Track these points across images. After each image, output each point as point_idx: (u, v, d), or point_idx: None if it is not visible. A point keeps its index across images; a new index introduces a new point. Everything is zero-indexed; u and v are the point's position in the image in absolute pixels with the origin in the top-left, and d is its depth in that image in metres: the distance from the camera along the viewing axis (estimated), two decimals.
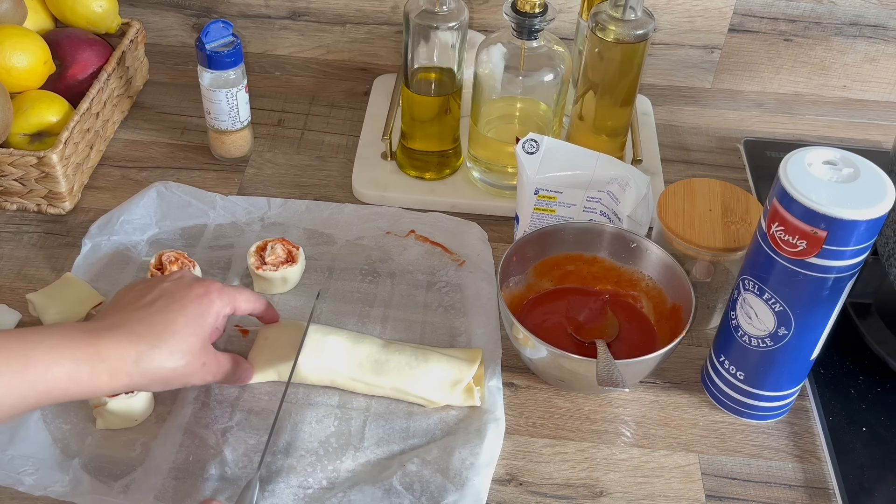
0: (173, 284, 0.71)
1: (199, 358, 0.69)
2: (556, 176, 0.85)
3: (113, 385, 0.64)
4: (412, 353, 0.78)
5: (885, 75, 1.15)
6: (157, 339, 0.66)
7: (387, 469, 0.72)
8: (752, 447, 0.78)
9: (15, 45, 0.93)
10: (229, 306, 0.73)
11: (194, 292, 0.70)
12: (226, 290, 0.73)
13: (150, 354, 0.65)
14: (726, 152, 1.09)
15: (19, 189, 0.93)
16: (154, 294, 0.70)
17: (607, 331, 0.82)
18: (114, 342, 0.64)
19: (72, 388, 0.62)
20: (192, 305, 0.69)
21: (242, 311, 0.75)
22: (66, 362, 0.62)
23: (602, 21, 0.88)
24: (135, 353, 0.65)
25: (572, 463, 0.76)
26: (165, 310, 0.68)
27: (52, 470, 0.71)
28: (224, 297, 0.72)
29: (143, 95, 1.12)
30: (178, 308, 0.68)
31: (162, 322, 0.67)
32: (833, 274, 0.66)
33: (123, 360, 0.64)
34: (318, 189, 1.00)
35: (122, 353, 0.64)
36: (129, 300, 0.70)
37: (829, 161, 0.66)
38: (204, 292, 0.71)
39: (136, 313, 0.68)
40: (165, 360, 0.66)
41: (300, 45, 1.18)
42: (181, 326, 0.68)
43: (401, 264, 0.90)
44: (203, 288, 0.71)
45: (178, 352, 0.67)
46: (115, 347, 0.64)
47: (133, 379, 0.65)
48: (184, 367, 0.68)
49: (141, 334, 0.66)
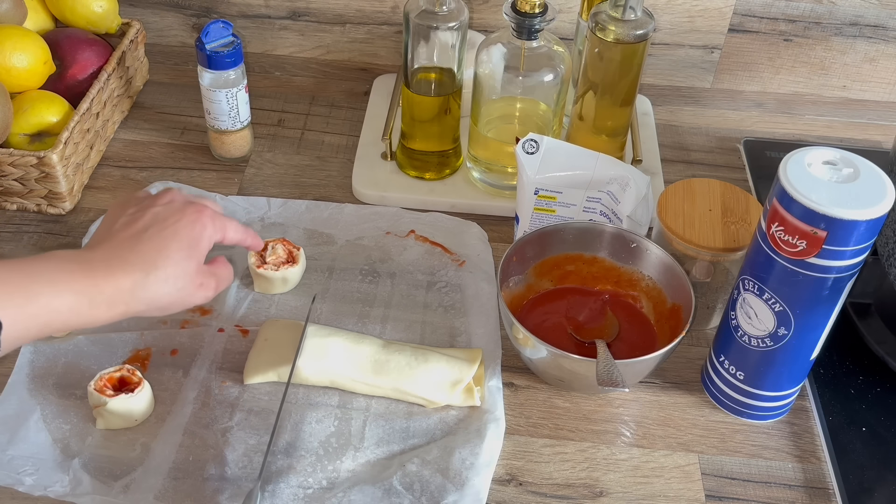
0: (165, 209, 0.71)
1: (194, 280, 0.69)
2: (556, 176, 0.85)
3: (111, 314, 0.65)
4: (412, 354, 0.78)
5: (885, 75, 1.15)
6: (150, 266, 0.66)
7: (387, 469, 0.73)
8: (752, 447, 0.78)
9: (15, 45, 0.93)
10: (220, 233, 0.73)
11: (187, 217, 0.70)
12: (218, 217, 0.73)
13: (144, 282, 0.66)
14: (726, 152, 1.09)
15: (19, 189, 0.93)
16: (146, 219, 0.70)
17: (607, 331, 0.82)
18: (109, 272, 0.65)
19: (72, 319, 0.63)
20: (184, 231, 0.69)
21: (231, 239, 0.75)
22: (66, 294, 0.63)
23: (602, 21, 0.88)
24: (130, 282, 0.65)
25: (572, 463, 0.76)
26: (158, 236, 0.68)
27: (51, 470, 0.71)
28: (217, 223, 0.72)
29: (143, 95, 1.12)
30: (170, 234, 0.69)
31: (155, 248, 0.67)
32: (833, 274, 0.66)
33: (120, 290, 0.65)
34: (318, 189, 1.00)
35: (118, 283, 0.65)
36: (121, 226, 0.70)
37: (828, 161, 0.66)
38: (196, 217, 0.71)
39: (129, 241, 0.68)
40: (160, 286, 0.67)
41: (300, 45, 1.18)
42: (174, 252, 0.68)
43: (401, 264, 0.90)
44: (196, 212, 0.71)
45: (172, 277, 0.67)
46: (110, 278, 0.65)
47: (130, 307, 0.66)
48: (179, 290, 0.68)
49: (134, 262, 0.66)
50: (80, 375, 0.78)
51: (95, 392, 0.74)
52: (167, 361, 0.80)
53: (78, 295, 0.63)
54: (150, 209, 0.71)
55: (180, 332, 0.82)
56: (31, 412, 0.75)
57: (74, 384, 0.78)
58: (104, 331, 0.81)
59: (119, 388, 0.74)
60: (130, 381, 0.75)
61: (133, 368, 0.76)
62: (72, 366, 0.79)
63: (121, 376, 0.75)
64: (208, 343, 0.82)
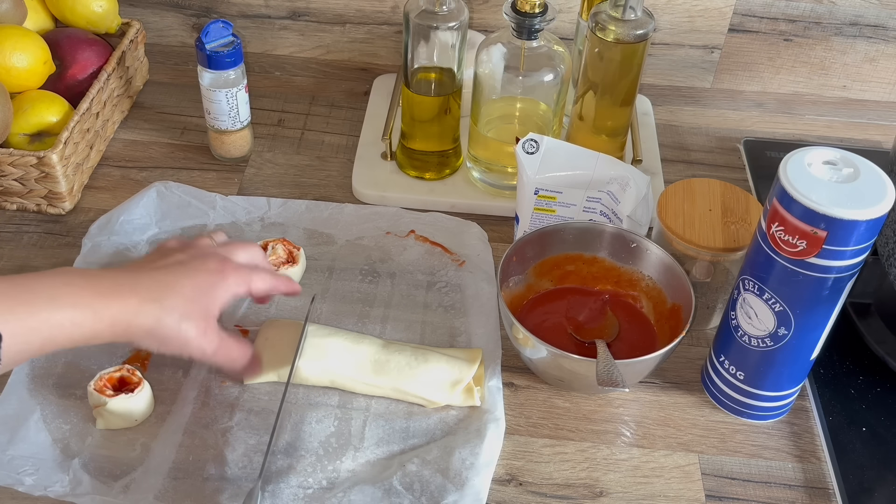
0: (191, 254, 0.72)
1: (199, 324, 0.68)
2: (556, 176, 0.85)
3: (113, 331, 0.65)
4: (412, 354, 0.78)
5: (885, 75, 1.15)
6: (158, 294, 0.67)
7: (387, 469, 0.72)
8: (752, 447, 0.78)
9: (15, 45, 0.93)
10: (243, 287, 0.72)
11: (209, 265, 0.71)
12: (241, 269, 0.72)
13: (149, 307, 0.66)
14: (726, 152, 1.09)
15: (19, 189, 0.93)
16: (170, 259, 0.71)
17: (607, 331, 0.82)
18: (115, 291, 0.65)
19: (75, 333, 0.63)
20: (202, 276, 0.69)
21: (258, 290, 0.74)
22: (68, 309, 0.63)
23: (602, 21, 0.88)
24: (136, 304, 0.65)
25: (572, 463, 0.76)
26: (174, 272, 0.69)
27: (51, 470, 0.71)
28: (240, 276, 0.72)
29: (143, 95, 1.12)
30: (188, 274, 0.69)
31: (168, 282, 0.68)
32: (833, 274, 0.66)
33: (125, 311, 0.65)
34: (318, 189, 1.00)
35: (124, 302, 0.65)
36: (145, 261, 0.71)
37: (828, 161, 0.66)
38: (219, 268, 0.71)
39: (146, 271, 0.69)
40: (164, 316, 0.66)
41: (300, 45, 1.18)
42: (186, 289, 0.68)
43: (401, 264, 0.90)
44: (218, 263, 0.71)
45: (178, 311, 0.67)
46: (116, 297, 0.65)
47: (132, 329, 0.65)
48: (182, 328, 0.67)
49: (145, 287, 0.67)
50: (79, 375, 0.78)
51: (95, 392, 0.73)
52: (167, 361, 0.80)
53: (81, 310, 0.63)
54: (176, 254, 0.72)
55: None
56: (31, 412, 0.75)
57: (74, 384, 0.78)
58: None
59: (119, 388, 0.74)
60: (130, 382, 0.75)
61: (133, 368, 0.76)
62: (72, 366, 0.79)
63: (121, 376, 0.75)
64: None
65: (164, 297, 0.67)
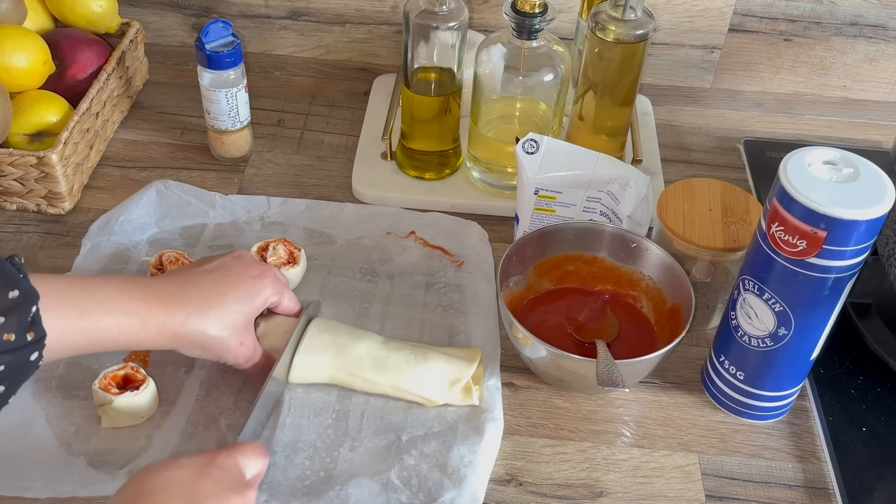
0: (233, 260, 0.75)
1: (239, 335, 0.72)
2: (556, 176, 0.85)
3: (158, 340, 0.68)
4: (411, 352, 0.78)
5: (885, 75, 1.15)
6: (206, 305, 0.70)
7: (384, 461, 0.73)
8: (752, 447, 0.78)
9: (15, 45, 0.93)
10: (277, 296, 0.76)
11: (251, 272, 0.74)
12: (279, 282, 0.76)
13: (195, 318, 0.69)
14: (726, 152, 1.09)
15: (19, 189, 0.93)
16: (213, 265, 0.74)
17: (607, 331, 0.82)
18: (164, 300, 0.68)
19: (121, 338, 0.66)
20: (245, 283, 0.73)
21: (286, 307, 0.77)
22: (118, 314, 0.66)
23: (602, 21, 0.88)
24: (183, 314, 0.69)
25: (572, 463, 0.76)
26: (220, 281, 0.72)
27: (58, 471, 0.71)
28: (276, 286, 0.75)
29: (142, 95, 1.12)
30: (232, 282, 0.72)
31: (214, 291, 0.71)
32: (833, 274, 0.66)
33: (172, 319, 0.68)
34: (318, 189, 1.00)
35: (172, 312, 0.68)
36: (189, 267, 0.75)
37: (829, 161, 0.66)
38: (260, 275, 0.74)
39: (192, 279, 0.72)
40: (209, 326, 0.70)
41: (300, 45, 1.18)
42: (231, 300, 0.71)
43: (400, 265, 0.90)
44: (260, 270, 0.75)
45: (222, 322, 0.70)
46: (165, 306, 0.68)
47: (177, 338, 0.69)
48: (224, 338, 0.71)
49: (193, 297, 0.70)
50: (82, 376, 0.78)
51: (100, 391, 0.74)
52: (169, 358, 0.80)
53: (130, 316, 0.66)
54: (220, 258, 0.75)
55: None
56: (35, 417, 0.75)
57: (77, 385, 0.78)
58: None
59: (123, 386, 0.75)
60: (135, 379, 0.75)
61: (137, 366, 0.76)
62: (74, 366, 0.79)
63: (125, 374, 0.75)
64: None
65: (210, 309, 0.70)
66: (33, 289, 0.62)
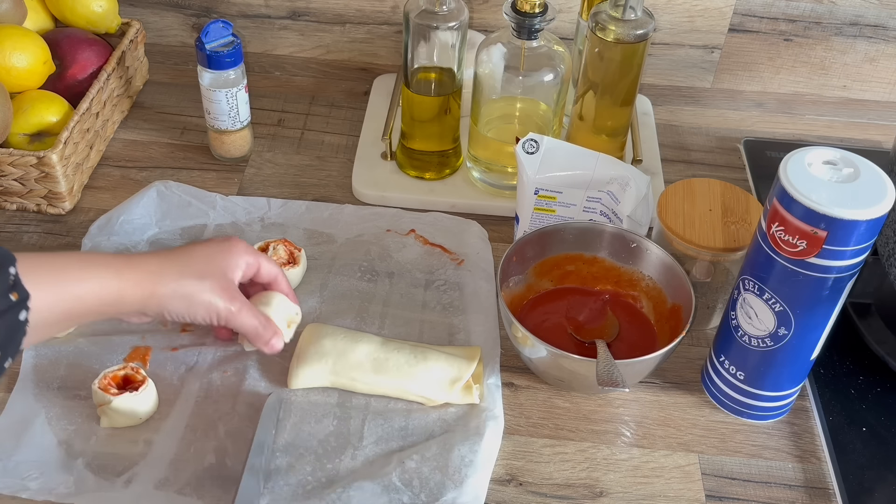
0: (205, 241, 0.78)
1: (219, 282, 0.73)
2: (556, 176, 0.85)
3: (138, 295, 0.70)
4: (411, 352, 0.78)
5: (885, 75, 1.15)
6: (177, 260, 0.73)
7: (386, 466, 0.73)
8: (752, 447, 0.78)
9: (15, 45, 0.93)
10: (255, 263, 0.77)
11: (216, 240, 0.77)
12: (252, 249, 0.78)
13: (171, 267, 0.72)
14: (726, 152, 1.09)
15: (19, 189, 0.93)
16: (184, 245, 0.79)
17: (607, 331, 0.82)
18: (140, 262, 0.71)
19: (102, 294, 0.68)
20: (213, 244, 0.76)
21: (265, 272, 0.78)
22: (94, 279, 0.68)
23: (602, 21, 0.88)
24: (157, 267, 0.71)
25: (572, 463, 0.76)
26: (192, 247, 0.75)
27: (56, 472, 0.71)
28: (251, 253, 0.77)
29: (142, 95, 1.12)
30: (202, 247, 0.75)
31: (186, 251, 0.74)
32: (833, 274, 0.66)
33: (149, 273, 0.70)
34: (318, 189, 1.00)
35: (148, 268, 0.71)
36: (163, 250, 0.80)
37: (829, 161, 0.66)
38: (228, 239, 0.77)
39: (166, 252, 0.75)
40: (185, 273, 0.72)
41: (300, 45, 1.18)
42: (200, 255, 0.74)
43: (399, 262, 0.90)
44: (225, 238, 0.77)
45: (197, 269, 0.73)
46: (140, 266, 0.71)
47: (157, 289, 0.70)
48: (204, 285, 0.72)
49: (165, 256, 0.73)
50: (83, 376, 0.78)
51: (100, 390, 0.74)
52: (169, 358, 0.80)
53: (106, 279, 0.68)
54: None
55: (181, 335, 0.82)
56: (35, 416, 0.75)
57: (78, 384, 0.78)
58: (105, 332, 0.81)
59: (123, 387, 0.75)
60: (135, 380, 0.75)
61: (137, 367, 0.76)
62: (75, 366, 0.79)
63: (125, 374, 0.75)
64: (211, 342, 0.82)
65: (182, 262, 0.73)
66: (8, 252, 0.63)
